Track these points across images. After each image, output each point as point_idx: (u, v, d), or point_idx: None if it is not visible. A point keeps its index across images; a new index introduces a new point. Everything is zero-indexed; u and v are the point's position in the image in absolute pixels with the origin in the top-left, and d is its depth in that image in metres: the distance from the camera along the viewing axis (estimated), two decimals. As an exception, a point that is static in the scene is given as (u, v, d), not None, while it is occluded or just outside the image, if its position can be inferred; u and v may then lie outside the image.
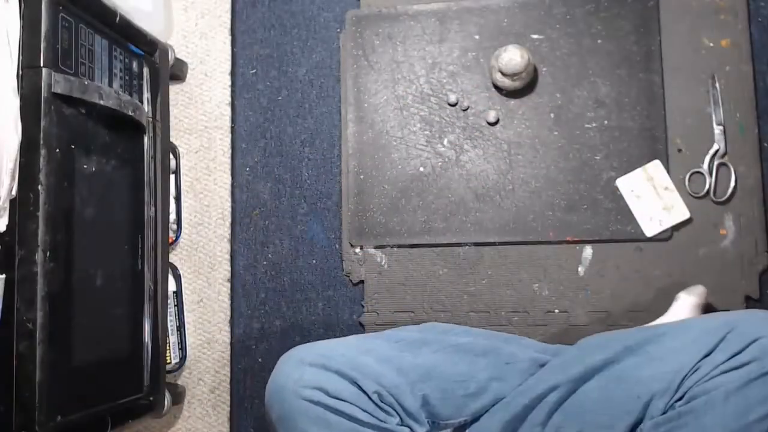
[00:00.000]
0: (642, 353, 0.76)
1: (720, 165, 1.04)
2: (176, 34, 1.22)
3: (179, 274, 1.16)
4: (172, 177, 1.16)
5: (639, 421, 0.74)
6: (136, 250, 0.99)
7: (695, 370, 0.71)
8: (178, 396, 1.12)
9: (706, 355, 0.71)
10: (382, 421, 0.75)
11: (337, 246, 1.15)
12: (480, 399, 0.82)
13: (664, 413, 0.72)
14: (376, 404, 0.76)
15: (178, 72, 1.18)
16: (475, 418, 0.83)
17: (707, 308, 0.99)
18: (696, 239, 1.04)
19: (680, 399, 0.71)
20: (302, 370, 0.75)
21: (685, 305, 0.96)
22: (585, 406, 0.76)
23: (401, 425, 0.78)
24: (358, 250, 1.13)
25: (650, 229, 1.04)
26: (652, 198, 1.04)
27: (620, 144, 1.06)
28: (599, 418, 0.75)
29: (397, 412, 0.78)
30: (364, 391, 0.76)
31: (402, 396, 0.78)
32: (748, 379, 0.67)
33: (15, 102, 0.78)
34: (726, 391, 0.67)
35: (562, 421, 0.77)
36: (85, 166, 0.87)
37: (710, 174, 1.04)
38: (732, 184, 1.03)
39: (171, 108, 1.18)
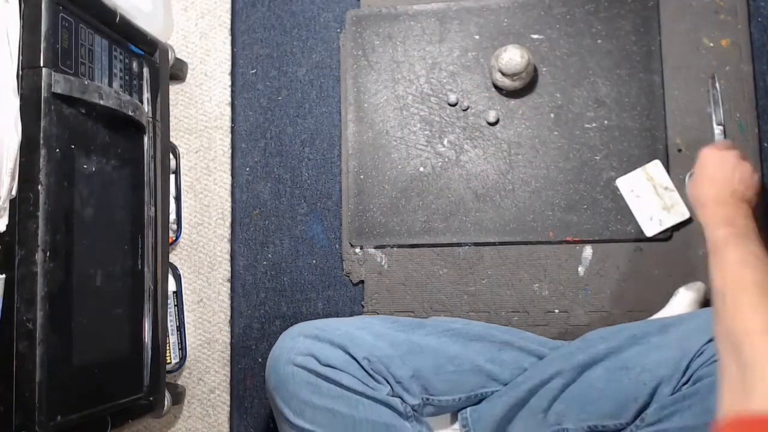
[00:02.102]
0: (646, 343, 0.77)
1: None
2: (176, 34, 1.22)
3: (179, 274, 1.16)
4: (172, 177, 1.16)
5: (645, 407, 0.74)
6: (136, 250, 0.99)
7: (701, 353, 0.72)
8: (178, 396, 1.12)
9: (711, 339, 0.71)
10: (371, 388, 0.76)
11: (337, 246, 1.16)
12: (473, 377, 0.82)
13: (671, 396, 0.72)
14: (366, 371, 0.77)
15: (178, 72, 1.18)
16: (475, 402, 0.83)
17: (705, 305, 0.99)
18: (696, 239, 1.04)
19: (687, 382, 0.72)
20: (297, 341, 0.79)
21: (684, 300, 0.96)
22: (589, 396, 0.77)
23: (392, 395, 0.78)
24: (358, 250, 1.13)
25: (650, 229, 1.04)
26: (652, 198, 1.04)
27: (620, 144, 1.06)
28: (604, 407, 0.76)
29: (387, 382, 0.78)
30: (354, 359, 0.77)
31: (393, 366, 0.79)
32: None
33: (15, 102, 0.78)
34: None
35: (564, 410, 0.77)
36: (85, 166, 0.87)
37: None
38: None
39: (171, 108, 1.18)
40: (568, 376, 0.78)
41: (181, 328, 1.15)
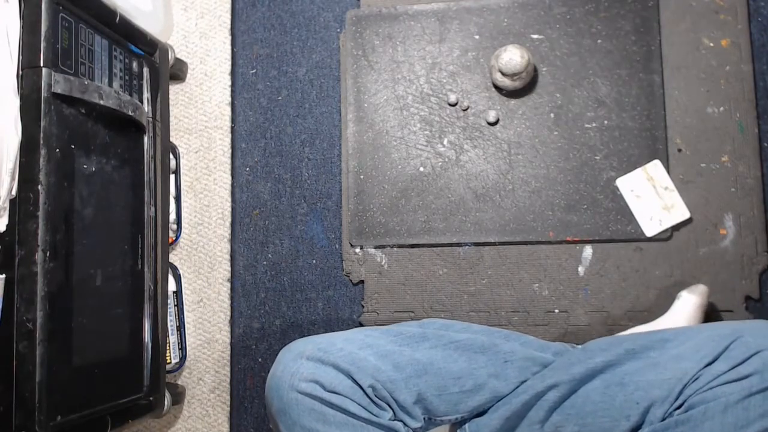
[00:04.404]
0: (644, 358, 0.76)
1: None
2: (176, 34, 1.22)
3: (179, 274, 1.16)
4: (172, 177, 1.16)
5: (638, 426, 0.74)
6: (136, 250, 0.99)
7: (696, 379, 0.70)
8: (178, 396, 1.12)
9: (708, 364, 0.70)
10: (375, 415, 0.76)
11: (337, 246, 1.16)
12: (477, 396, 0.81)
13: (662, 420, 0.72)
14: (371, 398, 0.76)
15: (178, 72, 1.18)
16: (475, 414, 0.83)
17: (709, 309, 0.99)
18: (696, 239, 1.04)
19: (679, 407, 0.71)
20: (299, 364, 0.76)
21: (687, 304, 0.96)
22: (585, 408, 0.76)
23: (394, 420, 0.78)
24: (358, 250, 1.13)
25: (650, 229, 1.04)
26: (652, 198, 1.04)
27: (620, 144, 1.06)
28: (599, 421, 0.75)
29: (390, 407, 0.78)
30: (359, 385, 0.76)
31: (396, 391, 0.78)
32: (749, 392, 0.67)
33: (15, 102, 0.78)
34: (725, 403, 0.67)
35: (561, 421, 0.77)
36: (85, 166, 0.87)
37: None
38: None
39: (171, 108, 1.18)
40: (565, 389, 0.77)
41: (181, 328, 1.15)
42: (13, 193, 0.78)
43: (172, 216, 1.15)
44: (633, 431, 0.74)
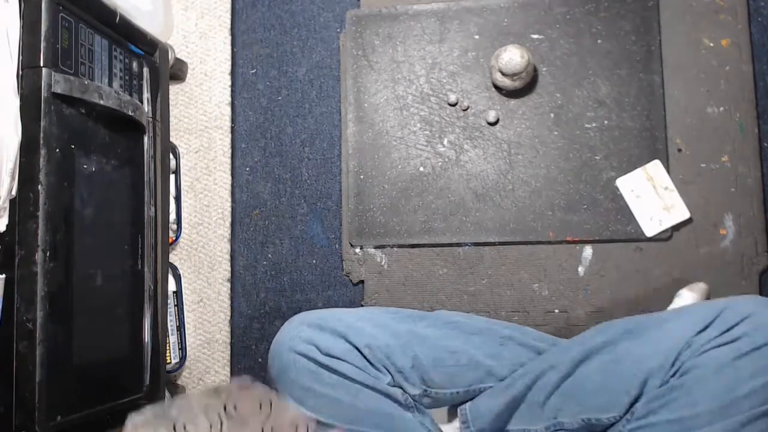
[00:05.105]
0: (640, 336, 0.77)
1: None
2: (176, 34, 1.22)
3: (179, 274, 1.16)
4: (172, 177, 1.16)
5: (636, 400, 0.75)
6: (136, 250, 0.99)
7: (689, 346, 0.72)
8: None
9: (700, 331, 0.72)
10: (373, 377, 0.77)
11: (337, 246, 1.15)
12: (472, 372, 0.82)
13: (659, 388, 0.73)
14: (367, 359, 0.78)
15: (178, 72, 1.18)
16: (473, 397, 0.83)
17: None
18: (696, 239, 1.04)
19: (675, 374, 0.72)
20: (299, 329, 0.79)
21: (686, 302, 0.96)
22: (584, 388, 0.77)
23: (393, 385, 0.79)
24: (358, 250, 1.13)
25: (650, 229, 1.04)
26: (652, 198, 1.04)
27: (620, 144, 1.06)
28: (598, 401, 0.76)
29: (389, 370, 0.79)
30: (355, 347, 0.78)
31: (393, 355, 0.79)
32: (738, 354, 0.68)
33: (15, 102, 0.78)
34: (717, 366, 0.69)
35: (561, 403, 0.78)
36: (85, 166, 0.87)
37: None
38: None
39: (171, 108, 1.18)
40: (563, 370, 0.78)
41: (181, 328, 1.15)
42: (13, 193, 0.78)
43: (172, 216, 1.15)
44: (632, 404, 0.75)
